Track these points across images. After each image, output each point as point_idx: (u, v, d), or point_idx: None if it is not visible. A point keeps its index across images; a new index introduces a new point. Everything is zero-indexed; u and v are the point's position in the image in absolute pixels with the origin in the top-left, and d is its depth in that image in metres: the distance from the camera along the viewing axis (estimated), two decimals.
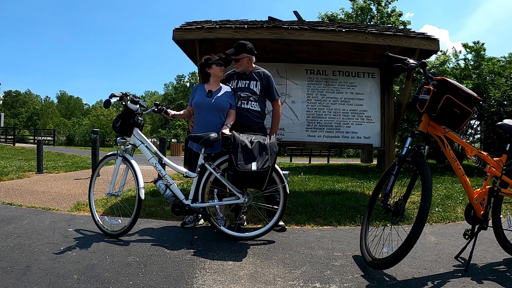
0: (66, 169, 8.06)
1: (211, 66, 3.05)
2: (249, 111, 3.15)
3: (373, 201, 2.52)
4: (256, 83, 3.17)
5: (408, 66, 2.31)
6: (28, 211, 3.67)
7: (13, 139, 21.45)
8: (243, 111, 3.14)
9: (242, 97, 3.15)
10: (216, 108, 3.00)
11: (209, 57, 3.09)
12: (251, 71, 3.20)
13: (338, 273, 2.12)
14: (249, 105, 3.15)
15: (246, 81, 3.18)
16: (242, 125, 3.14)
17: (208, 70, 3.08)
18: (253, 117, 3.16)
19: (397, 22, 16.67)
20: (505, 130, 2.37)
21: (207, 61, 3.09)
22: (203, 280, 1.99)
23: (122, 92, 2.87)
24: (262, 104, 3.25)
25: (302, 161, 17.80)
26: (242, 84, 3.18)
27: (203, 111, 3.03)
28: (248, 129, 3.10)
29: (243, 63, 3.12)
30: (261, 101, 3.23)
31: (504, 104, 10.17)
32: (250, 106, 3.15)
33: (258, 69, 3.23)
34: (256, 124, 3.19)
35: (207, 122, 2.99)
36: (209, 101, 3.00)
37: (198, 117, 3.08)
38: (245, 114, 3.14)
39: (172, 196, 2.78)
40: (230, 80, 3.24)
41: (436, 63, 12.55)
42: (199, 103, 3.04)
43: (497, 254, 2.50)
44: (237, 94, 3.16)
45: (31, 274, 2.00)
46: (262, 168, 2.49)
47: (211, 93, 3.03)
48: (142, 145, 2.91)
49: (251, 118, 3.15)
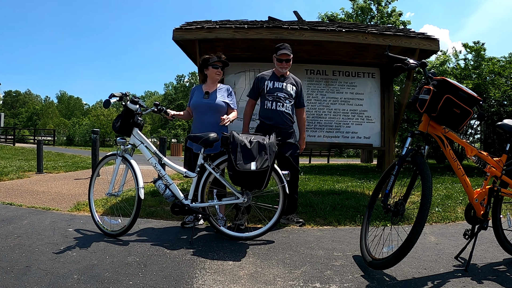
0: (66, 169, 8.06)
1: (208, 67, 3.06)
2: (284, 114, 3.18)
3: (373, 201, 2.52)
4: (292, 87, 3.23)
5: (408, 66, 2.31)
6: (28, 211, 3.67)
7: (13, 139, 21.45)
8: (279, 114, 3.16)
9: (278, 98, 3.17)
10: (213, 108, 3.02)
11: (208, 57, 3.09)
12: (288, 74, 3.29)
13: (338, 273, 2.12)
14: (284, 107, 3.18)
15: (283, 83, 3.21)
16: (275, 127, 3.14)
17: (206, 71, 3.09)
18: (287, 120, 3.19)
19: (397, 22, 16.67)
20: (505, 130, 2.37)
21: (205, 62, 3.09)
22: (203, 280, 1.99)
23: (121, 92, 2.88)
24: (293, 108, 3.30)
25: (302, 161, 17.78)
26: (278, 85, 3.20)
27: (200, 112, 3.05)
28: (282, 132, 3.12)
29: (290, 64, 3.20)
30: (293, 106, 3.28)
31: (504, 104, 10.17)
32: (285, 109, 3.18)
33: (291, 75, 3.32)
34: (289, 128, 3.24)
35: (205, 123, 3.01)
36: (206, 102, 3.02)
37: (196, 118, 3.10)
38: (280, 116, 3.16)
39: (172, 196, 2.79)
40: (263, 81, 3.23)
41: (436, 63, 12.54)
42: (196, 104, 3.06)
43: (497, 254, 2.50)
44: (274, 94, 3.17)
45: (31, 274, 2.00)
46: (261, 168, 2.49)
47: (208, 94, 3.05)
48: (141, 145, 2.91)
49: (285, 121, 3.19)
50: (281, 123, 3.17)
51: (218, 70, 3.08)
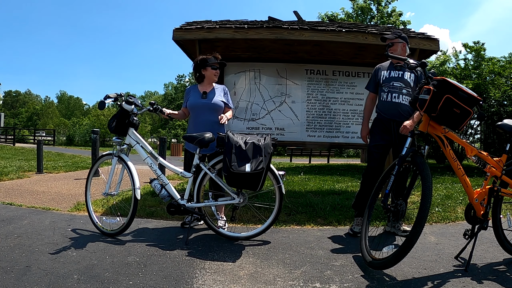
0: (66, 169, 8.05)
1: (206, 68, 3.06)
2: (400, 106, 2.91)
3: (373, 201, 2.52)
4: (410, 75, 2.95)
5: (408, 66, 2.32)
6: (28, 211, 3.67)
7: (13, 139, 21.45)
8: (394, 106, 2.92)
9: (394, 88, 2.93)
10: (211, 108, 3.02)
11: (206, 58, 3.08)
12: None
13: (338, 273, 2.12)
14: (401, 98, 2.91)
15: (400, 72, 2.96)
16: (392, 121, 2.93)
17: (203, 71, 3.08)
18: (403, 112, 2.91)
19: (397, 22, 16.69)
20: (505, 130, 2.37)
21: (203, 62, 3.08)
22: (203, 280, 1.99)
23: (116, 93, 2.87)
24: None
25: (302, 161, 17.79)
26: (395, 74, 2.97)
27: (198, 112, 3.05)
28: (399, 125, 2.85)
29: (397, 48, 2.93)
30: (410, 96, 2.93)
31: (504, 104, 10.16)
32: (402, 100, 2.91)
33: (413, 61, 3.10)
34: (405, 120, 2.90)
35: (203, 123, 3.01)
36: (204, 102, 3.02)
37: (193, 118, 3.10)
38: (395, 108, 2.92)
39: (168, 196, 2.78)
40: (381, 71, 3.05)
41: (436, 63, 12.56)
42: (194, 105, 3.06)
43: (497, 254, 2.50)
44: (390, 84, 2.95)
45: (31, 274, 2.00)
46: (256, 170, 2.47)
47: (206, 94, 3.04)
48: (137, 145, 2.90)
49: (402, 114, 2.91)
50: (397, 115, 2.92)
51: (216, 71, 3.08)
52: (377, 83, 3.08)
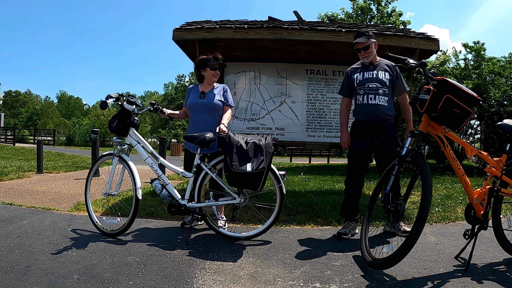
0: (66, 169, 8.05)
1: (205, 68, 3.06)
2: (377, 107, 2.82)
3: (373, 201, 2.52)
4: (385, 73, 2.86)
5: (408, 66, 2.31)
6: (28, 211, 3.67)
7: (13, 139, 21.45)
8: (372, 108, 2.83)
9: (370, 90, 2.84)
10: (209, 108, 3.02)
11: (206, 58, 3.08)
12: (378, 61, 2.93)
13: (338, 273, 2.12)
14: (377, 99, 2.82)
15: (374, 72, 2.88)
16: (370, 124, 2.86)
17: (203, 72, 3.08)
18: (381, 114, 2.83)
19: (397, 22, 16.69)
20: (505, 130, 2.37)
21: (202, 63, 3.08)
22: (203, 280, 1.99)
23: (118, 93, 2.88)
24: (390, 99, 2.90)
25: (302, 161, 17.79)
26: (368, 74, 2.88)
27: (196, 112, 3.06)
28: (377, 128, 2.84)
29: (372, 51, 2.86)
30: (389, 96, 2.89)
31: (504, 104, 10.16)
32: (379, 101, 2.82)
33: (384, 60, 2.93)
34: (386, 122, 2.87)
35: (202, 123, 3.02)
36: (202, 101, 3.03)
37: (192, 118, 3.11)
38: (373, 111, 2.83)
39: (168, 196, 2.79)
40: (353, 75, 2.96)
41: (436, 63, 12.55)
42: (192, 104, 3.07)
43: (497, 254, 2.50)
44: (365, 86, 2.86)
45: (31, 274, 2.00)
46: (257, 169, 2.47)
47: (204, 94, 3.05)
48: (138, 145, 2.91)
49: (380, 115, 2.83)
50: (375, 118, 2.84)
51: (216, 71, 3.07)
52: (350, 87, 3.00)
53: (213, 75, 3.07)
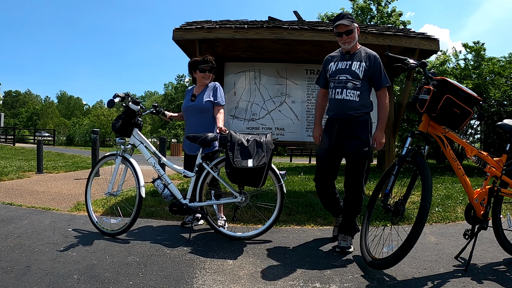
0: (66, 169, 8.05)
1: (196, 71, 3.07)
2: (343, 103, 2.54)
3: (373, 201, 2.52)
4: (360, 64, 2.53)
5: (408, 66, 2.31)
6: (28, 211, 3.67)
7: (13, 139, 21.45)
8: (337, 103, 2.56)
9: (339, 83, 2.55)
10: (197, 110, 3.05)
11: (196, 60, 3.08)
12: (358, 49, 2.60)
13: (338, 273, 2.12)
14: (344, 94, 2.52)
15: (348, 62, 2.57)
16: (335, 120, 2.60)
17: (194, 74, 3.11)
18: (348, 110, 2.54)
19: (397, 22, 16.66)
20: (505, 130, 2.37)
21: (192, 65, 3.09)
22: (203, 280, 1.99)
23: (124, 93, 2.92)
24: (365, 92, 2.57)
25: (302, 161, 17.78)
26: (342, 65, 2.58)
27: (188, 114, 3.12)
28: (342, 125, 2.56)
29: (355, 36, 2.53)
30: (364, 89, 2.56)
31: (504, 104, 10.17)
32: (346, 96, 2.52)
33: (366, 49, 2.62)
34: (353, 119, 2.55)
35: (193, 124, 3.06)
36: (191, 104, 3.07)
37: (185, 120, 3.18)
38: (338, 106, 2.56)
39: (170, 195, 2.81)
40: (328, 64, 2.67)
41: (436, 63, 12.55)
42: (184, 107, 3.14)
43: (497, 254, 2.50)
44: (335, 78, 2.57)
45: (31, 274, 2.00)
46: (258, 165, 2.50)
47: (195, 96, 3.09)
48: (141, 145, 2.93)
49: (346, 112, 2.54)
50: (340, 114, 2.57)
51: (205, 74, 3.05)
52: (326, 77, 2.72)
53: (203, 77, 3.07)
